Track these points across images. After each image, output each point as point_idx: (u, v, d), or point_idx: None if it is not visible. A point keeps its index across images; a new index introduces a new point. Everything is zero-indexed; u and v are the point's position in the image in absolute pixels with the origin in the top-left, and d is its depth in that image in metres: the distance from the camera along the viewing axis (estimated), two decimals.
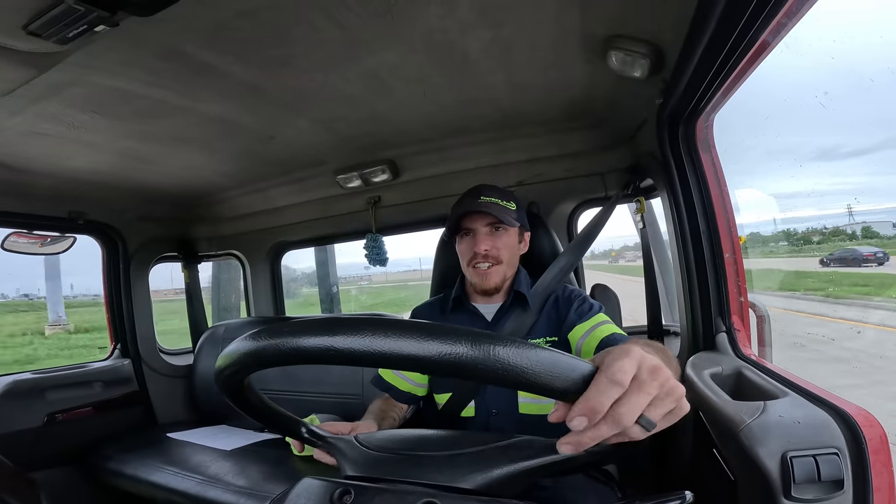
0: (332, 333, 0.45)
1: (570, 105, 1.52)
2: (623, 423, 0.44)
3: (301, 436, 0.74)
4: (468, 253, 1.24)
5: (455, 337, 0.44)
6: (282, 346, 0.48)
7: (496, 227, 1.23)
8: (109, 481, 1.76)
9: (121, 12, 0.81)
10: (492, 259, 1.22)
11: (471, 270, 1.24)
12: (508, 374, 0.43)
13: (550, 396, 0.46)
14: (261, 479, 1.46)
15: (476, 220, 1.23)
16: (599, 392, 0.44)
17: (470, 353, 0.43)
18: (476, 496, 0.58)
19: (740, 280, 1.21)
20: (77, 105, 1.22)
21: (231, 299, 3.55)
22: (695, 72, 0.98)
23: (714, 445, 0.89)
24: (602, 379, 0.44)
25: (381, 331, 0.44)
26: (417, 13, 0.98)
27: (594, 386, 0.44)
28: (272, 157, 1.84)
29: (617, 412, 0.44)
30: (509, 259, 1.24)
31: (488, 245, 1.21)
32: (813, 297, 7.42)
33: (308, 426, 0.75)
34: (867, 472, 0.66)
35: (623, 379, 0.44)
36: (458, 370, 0.44)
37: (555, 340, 1.20)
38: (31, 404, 1.87)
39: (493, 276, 1.22)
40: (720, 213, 1.21)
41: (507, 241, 1.24)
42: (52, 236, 2.03)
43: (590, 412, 0.44)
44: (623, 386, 0.44)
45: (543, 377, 0.44)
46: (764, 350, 1.31)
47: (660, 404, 0.46)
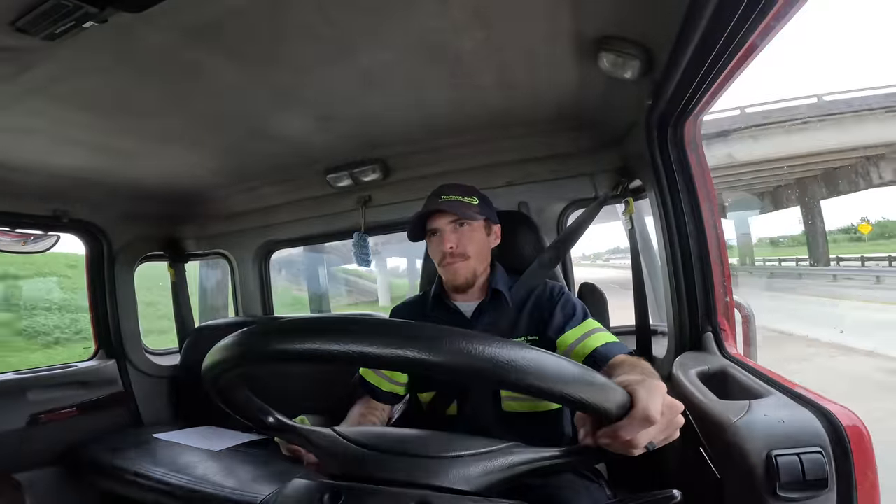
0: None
1: (560, 106, 1.53)
2: (636, 448, 0.56)
3: (271, 427, 0.70)
4: (438, 253, 1.24)
5: (517, 351, 0.46)
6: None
7: (459, 223, 1.23)
8: (94, 482, 1.74)
9: (109, 8, 0.81)
10: (458, 255, 1.22)
11: (442, 269, 1.26)
12: (549, 388, 0.48)
13: (587, 412, 0.55)
14: (249, 480, 1.45)
15: (438, 219, 1.23)
16: (632, 428, 0.55)
17: (521, 365, 0.46)
18: (468, 496, 0.58)
19: (726, 280, 1.23)
20: (64, 101, 1.20)
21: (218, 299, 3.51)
22: (684, 73, 0.99)
23: (701, 444, 0.91)
24: (638, 415, 0.54)
25: (429, 338, 0.46)
26: (410, 13, 0.98)
27: (631, 420, 0.55)
28: (261, 156, 1.82)
29: (637, 441, 0.55)
30: (478, 253, 1.24)
31: (454, 242, 1.21)
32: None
33: (297, 426, 0.73)
34: (851, 471, 0.68)
35: (656, 419, 0.55)
36: (503, 382, 0.48)
37: (536, 339, 1.20)
38: (13, 405, 1.83)
39: (461, 271, 1.23)
40: (707, 214, 1.22)
41: (473, 236, 1.24)
42: (35, 234, 2.00)
43: (617, 439, 0.55)
44: (653, 424, 0.55)
45: (590, 398, 0.51)
46: (749, 349, 1.33)
47: (664, 433, 0.58)
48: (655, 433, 0.56)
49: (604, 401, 0.52)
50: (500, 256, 1.36)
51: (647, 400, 0.55)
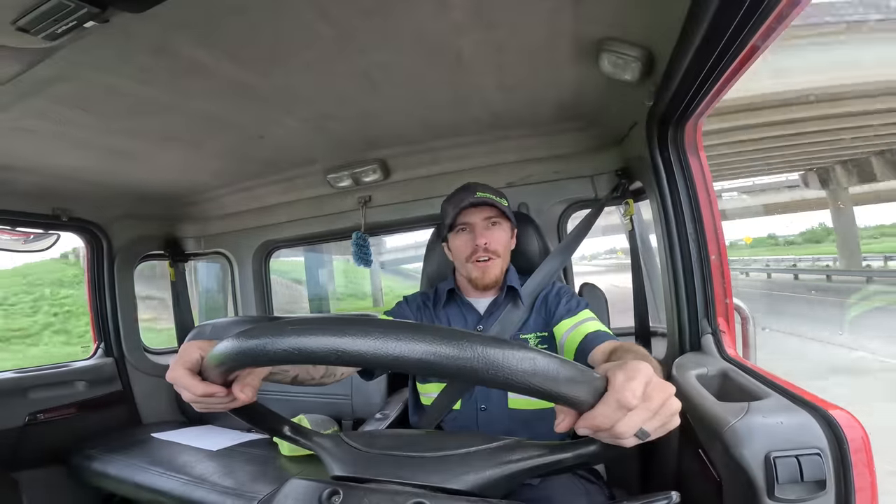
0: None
1: (560, 107, 1.53)
2: (622, 437, 0.49)
3: (286, 435, 0.73)
4: (467, 248, 1.23)
5: (466, 342, 0.45)
6: (279, 345, 0.48)
7: (492, 221, 1.24)
8: (93, 482, 1.74)
9: (111, 8, 0.80)
10: (492, 252, 1.22)
11: (470, 266, 1.24)
12: (519, 381, 0.45)
13: (558, 403, 0.49)
14: (247, 480, 1.45)
15: (474, 213, 1.23)
16: (607, 414, 0.48)
17: (480, 358, 0.44)
18: (465, 496, 0.58)
19: (725, 282, 1.23)
20: (65, 101, 1.20)
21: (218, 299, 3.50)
22: (685, 75, 0.99)
23: (700, 446, 0.91)
24: (612, 400, 0.48)
25: (392, 333, 0.45)
26: (410, 13, 0.98)
27: (603, 405, 0.48)
28: (262, 156, 1.83)
29: (618, 429, 0.48)
30: (504, 253, 1.26)
31: (488, 238, 1.22)
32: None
33: (295, 425, 0.74)
34: (849, 473, 0.68)
35: (631, 403, 0.48)
36: (467, 375, 0.45)
37: (545, 336, 1.21)
38: (12, 404, 1.83)
39: (492, 269, 1.23)
40: (707, 215, 1.22)
41: (503, 236, 1.25)
42: (35, 233, 2.00)
43: (595, 428, 0.50)
44: (630, 409, 0.48)
45: (561, 386, 0.47)
46: (748, 351, 1.33)
47: (657, 419, 0.50)
48: (640, 419, 0.49)
49: (574, 389, 0.48)
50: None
51: (621, 383, 0.49)
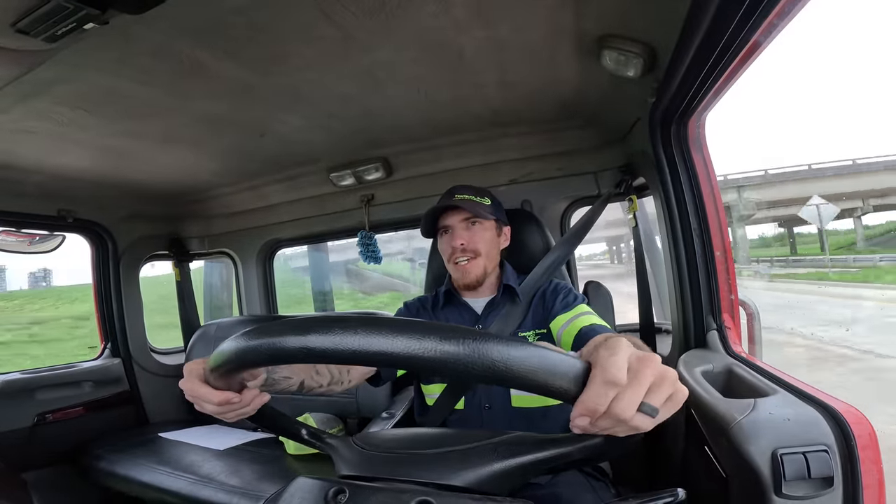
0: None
1: (563, 104, 1.53)
2: (623, 417, 0.45)
3: (304, 439, 0.74)
4: (448, 249, 1.27)
5: (447, 336, 0.44)
6: (282, 344, 0.48)
7: (472, 221, 1.26)
8: (100, 481, 1.75)
9: (111, 10, 0.80)
10: (470, 252, 1.24)
11: (451, 266, 1.28)
12: (502, 373, 0.43)
13: (548, 396, 0.46)
14: (254, 479, 1.45)
15: (451, 216, 1.26)
16: (597, 394, 0.45)
17: (462, 352, 0.43)
18: (471, 494, 0.58)
19: (730, 278, 1.22)
20: (66, 103, 1.21)
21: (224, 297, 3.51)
22: (688, 71, 0.98)
23: (706, 443, 0.90)
24: (598, 379, 0.45)
25: (377, 330, 0.45)
26: (412, 12, 0.97)
27: (591, 387, 0.45)
28: (265, 155, 1.83)
29: (615, 409, 0.45)
30: (488, 252, 1.26)
31: (465, 238, 1.24)
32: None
33: (312, 429, 0.75)
34: (857, 469, 0.67)
35: (619, 377, 0.45)
36: (449, 370, 0.44)
37: (543, 333, 1.21)
38: (20, 404, 1.85)
39: (472, 269, 1.25)
40: (711, 211, 1.22)
41: (484, 235, 1.26)
42: (41, 235, 2.01)
43: (590, 413, 0.46)
44: (620, 384, 0.45)
45: (539, 377, 0.44)
46: (754, 347, 1.32)
47: (658, 390, 0.46)
48: (635, 394, 0.45)
49: (556, 375, 0.45)
50: (507, 254, 1.37)
51: (604, 359, 0.46)
